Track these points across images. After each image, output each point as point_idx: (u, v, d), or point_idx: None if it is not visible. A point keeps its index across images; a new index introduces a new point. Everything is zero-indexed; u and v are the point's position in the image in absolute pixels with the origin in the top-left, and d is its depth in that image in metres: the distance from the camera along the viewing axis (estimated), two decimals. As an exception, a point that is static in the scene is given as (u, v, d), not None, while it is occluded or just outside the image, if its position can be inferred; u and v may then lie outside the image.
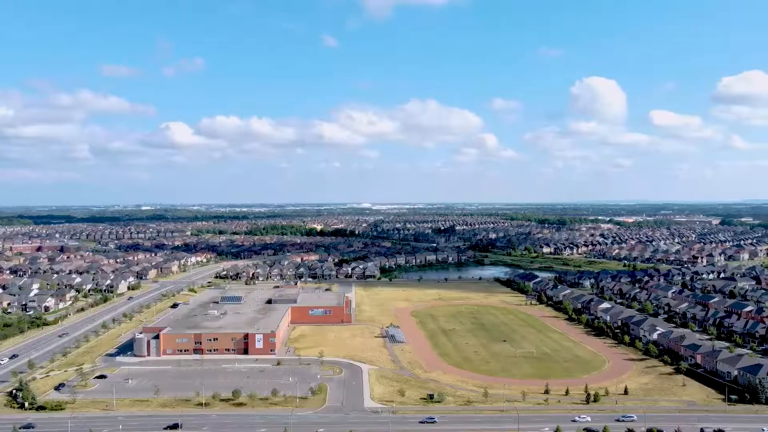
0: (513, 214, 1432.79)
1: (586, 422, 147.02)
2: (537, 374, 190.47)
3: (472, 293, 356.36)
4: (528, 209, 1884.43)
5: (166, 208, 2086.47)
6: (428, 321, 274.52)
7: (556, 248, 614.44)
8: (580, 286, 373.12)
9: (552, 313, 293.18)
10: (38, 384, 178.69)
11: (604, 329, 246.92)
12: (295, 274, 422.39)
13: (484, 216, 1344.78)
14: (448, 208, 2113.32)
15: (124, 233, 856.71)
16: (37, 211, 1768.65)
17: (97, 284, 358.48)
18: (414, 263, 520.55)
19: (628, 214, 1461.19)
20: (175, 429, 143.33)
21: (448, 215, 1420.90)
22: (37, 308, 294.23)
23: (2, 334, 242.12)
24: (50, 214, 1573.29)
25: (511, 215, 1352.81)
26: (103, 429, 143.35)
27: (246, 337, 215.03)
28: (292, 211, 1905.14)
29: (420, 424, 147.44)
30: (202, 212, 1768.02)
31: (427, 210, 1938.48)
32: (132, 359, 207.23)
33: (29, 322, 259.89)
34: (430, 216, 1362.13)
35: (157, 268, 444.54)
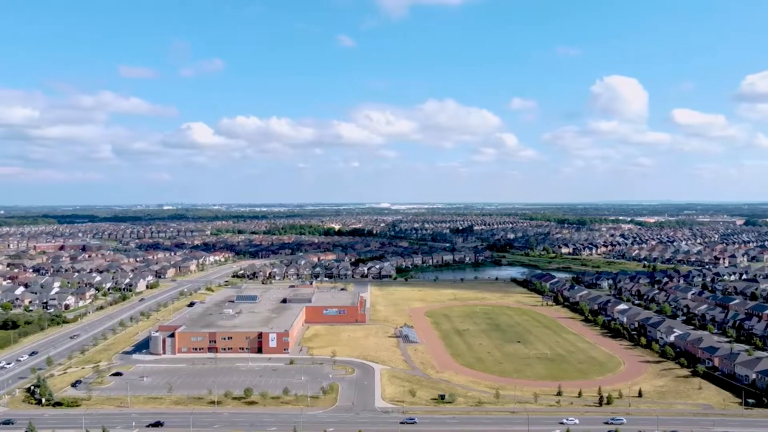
0: (532, 214, 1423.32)
1: (574, 424, 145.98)
2: (550, 376, 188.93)
3: (488, 293, 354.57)
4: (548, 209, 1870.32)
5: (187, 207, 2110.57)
6: (442, 321, 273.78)
7: (575, 249, 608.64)
8: (597, 287, 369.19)
9: (568, 314, 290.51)
10: (56, 381, 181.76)
11: (620, 331, 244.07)
12: (311, 274, 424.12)
13: (503, 216, 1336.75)
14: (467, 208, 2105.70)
15: (144, 233, 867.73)
16: (61, 211, 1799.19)
17: (117, 283, 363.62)
18: (431, 263, 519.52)
19: (649, 214, 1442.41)
20: (157, 426, 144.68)
21: (466, 215, 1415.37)
22: (57, 306, 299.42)
23: (23, 331, 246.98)
24: (74, 214, 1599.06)
25: (530, 215, 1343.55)
26: (117, 426, 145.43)
27: (260, 336, 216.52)
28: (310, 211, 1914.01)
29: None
30: (222, 212, 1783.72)
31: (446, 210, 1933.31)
32: (148, 357, 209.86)
33: (49, 320, 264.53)
34: (448, 216, 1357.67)
35: (176, 267, 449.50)
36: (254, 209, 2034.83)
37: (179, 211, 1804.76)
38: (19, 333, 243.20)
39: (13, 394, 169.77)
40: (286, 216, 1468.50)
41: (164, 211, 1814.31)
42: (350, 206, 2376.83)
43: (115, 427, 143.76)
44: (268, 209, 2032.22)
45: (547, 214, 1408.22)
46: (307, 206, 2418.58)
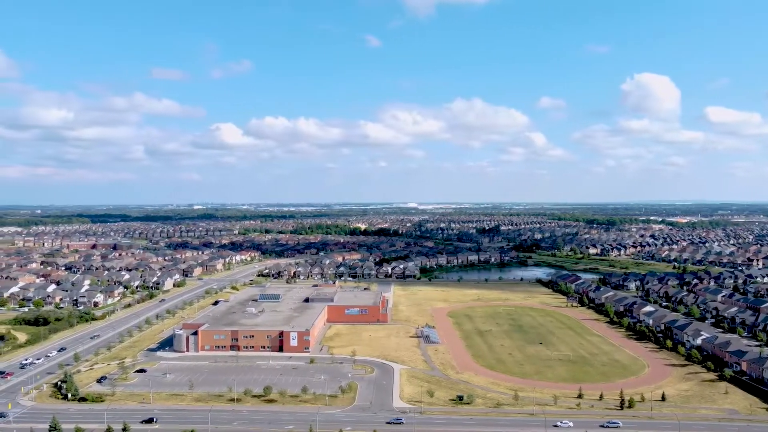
0: (561, 214, 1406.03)
1: (568, 427, 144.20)
2: (572, 378, 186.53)
3: (512, 294, 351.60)
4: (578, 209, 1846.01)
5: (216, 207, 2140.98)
6: (465, 322, 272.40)
7: (603, 249, 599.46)
8: (624, 289, 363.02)
9: (593, 316, 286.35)
10: (82, 376, 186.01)
11: (645, 333, 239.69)
12: (335, 273, 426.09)
13: (531, 216, 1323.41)
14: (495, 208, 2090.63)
15: (174, 232, 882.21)
16: (95, 210, 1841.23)
17: (145, 281, 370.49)
18: (455, 263, 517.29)
19: (682, 214, 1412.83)
20: (150, 423, 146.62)
21: (494, 215, 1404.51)
22: (87, 303, 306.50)
23: (53, 327, 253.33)
24: (107, 213, 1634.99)
25: (558, 215, 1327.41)
26: (138, 421, 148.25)
27: (281, 334, 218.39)
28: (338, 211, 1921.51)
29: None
30: (251, 211, 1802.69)
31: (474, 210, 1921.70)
32: (171, 354, 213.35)
33: (78, 317, 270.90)
34: (476, 216, 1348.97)
35: (203, 265, 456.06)
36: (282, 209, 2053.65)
37: (209, 210, 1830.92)
38: (49, 329, 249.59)
39: (40, 389, 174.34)
40: (313, 216, 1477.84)
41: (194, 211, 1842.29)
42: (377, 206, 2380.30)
43: (136, 423, 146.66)
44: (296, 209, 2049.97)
45: (576, 214, 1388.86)
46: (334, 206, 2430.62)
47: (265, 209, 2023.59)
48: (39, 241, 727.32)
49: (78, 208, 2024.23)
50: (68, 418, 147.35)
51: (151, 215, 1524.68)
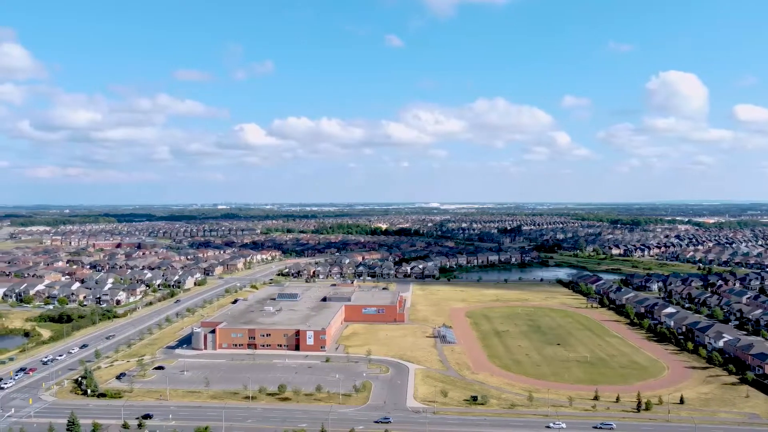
0: (585, 214, 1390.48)
1: (560, 429, 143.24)
2: (589, 379, 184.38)
3: (532, 295, 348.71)
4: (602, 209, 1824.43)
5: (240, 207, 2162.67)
6: (482, 322, 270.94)
7: (626, 250, 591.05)
8: (647, 290, 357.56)
9: (613, 317, 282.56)
10: (102, 373, 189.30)
11: (666, 335, 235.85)
12: (354, 273, 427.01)
13: (555, 216, 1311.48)
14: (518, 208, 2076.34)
15: (197, 231, 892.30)
16: (121, 210, 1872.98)
17: (167, 280, 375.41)
18: (475, 263, 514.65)
19: (709, 214, 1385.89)
20: (147, 419, 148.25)
21: (516, 215, 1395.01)
22: (109, 301, 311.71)
23: (76, 325, 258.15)
24: (132, 213, 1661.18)
25: (582, 215, 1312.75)
26: (155, 418, 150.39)
27: (297, 333, 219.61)
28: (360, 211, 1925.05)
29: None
30: (274, 211, 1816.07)
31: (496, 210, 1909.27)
32: (189, 352, 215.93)
33: (101, 314, 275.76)
34: (498, 216, 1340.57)
35: (224, 264, 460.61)
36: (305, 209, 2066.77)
37: (232, 210, 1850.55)
38: (72, 326, 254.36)
39: (61, 385, 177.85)
40: (336, 215, 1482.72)
41: (218, 211, 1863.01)
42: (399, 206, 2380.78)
43: (152, 419, 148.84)
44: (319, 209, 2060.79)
45: (601, 214, 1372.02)
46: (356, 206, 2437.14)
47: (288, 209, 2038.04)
48: (66, 240, 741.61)
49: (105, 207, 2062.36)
50: (87, 414, 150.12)
51: (176, 215, 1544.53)
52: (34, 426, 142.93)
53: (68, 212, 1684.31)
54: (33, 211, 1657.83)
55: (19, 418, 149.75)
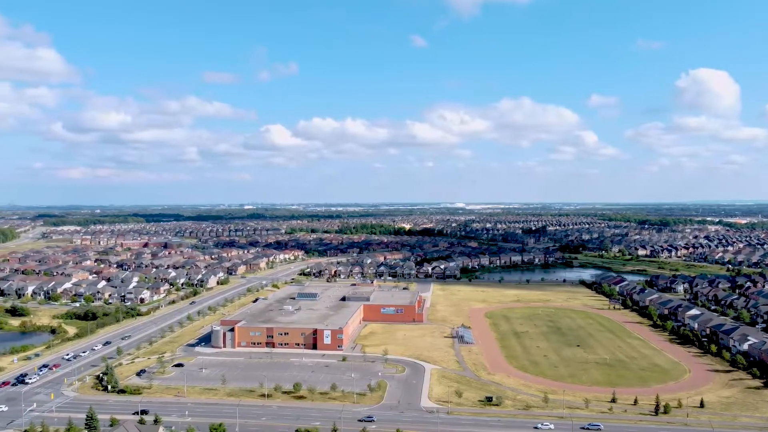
0: (612, 214, 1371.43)
1: (548, 430, 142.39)
2: (607, 381, 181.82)
3: (553, 295, 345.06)
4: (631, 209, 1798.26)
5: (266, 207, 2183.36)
6: (501, 322, 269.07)
7: (653, 250, 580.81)
8: (672, 291, 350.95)
9: (636, 319, 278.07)
10: (123, 369, 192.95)
11: (689, 337, 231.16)
12: (375, 273, 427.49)
13: (581, 216, 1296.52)
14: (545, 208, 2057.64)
15: (223, 231, 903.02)
16: (151, 210, 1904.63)
17: (190, 278, 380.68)
18: (498, 264, 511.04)
19: (742, 215, 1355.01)
20: (144, 414, 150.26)
21: (542, 215, 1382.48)
22: (133, 300, 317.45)
23: (101, 322, 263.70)
24: (161, 213, 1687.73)
25: (609, 216, 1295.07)
26: (172, 414, 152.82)
27: (315, 332, 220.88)
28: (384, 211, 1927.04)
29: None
30: (299, 211, 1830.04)
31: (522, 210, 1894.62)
32: (209, 350, 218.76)
33: (125, 312, 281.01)
34: (523, 216, 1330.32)
35: (246, 264, 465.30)
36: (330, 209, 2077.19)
37: (258, 210, 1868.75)
38: (97, 324, 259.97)
39: (83, 381, 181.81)
40: (360, 215, 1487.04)
41: (244, 211, 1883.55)
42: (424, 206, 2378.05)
43: (170, 415, 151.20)
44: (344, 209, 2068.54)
45: (628, 214, 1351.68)
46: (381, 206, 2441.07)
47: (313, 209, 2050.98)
48: (95, 239, 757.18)
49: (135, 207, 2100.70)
50: (106, 409, 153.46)
51: (203, 215, 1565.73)
52: (54, 420, 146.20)
53: (99, 212, 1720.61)
54: (65, 211, 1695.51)
55: (41, 413, 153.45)
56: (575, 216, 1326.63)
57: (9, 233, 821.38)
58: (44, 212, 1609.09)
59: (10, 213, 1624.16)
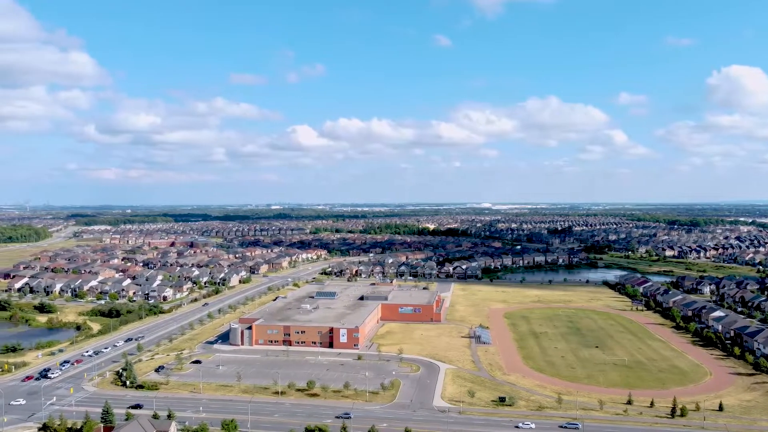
0: (641, 214, 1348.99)
1: (530, 429, 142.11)
2: (624, 383, 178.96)
3: (575, 296, 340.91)
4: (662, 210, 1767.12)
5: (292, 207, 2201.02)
6: (520, 323, 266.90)
7: (681, 251, 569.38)
8: (698, 292, 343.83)
9: (658, 320, 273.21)
10: (142, 365, 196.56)
11: (713, 339, 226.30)
12: (396, 272, 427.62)
13: (609, 216, 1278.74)
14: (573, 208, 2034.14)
15: (249, 230, 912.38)
16: (180, 210, 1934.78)
17: (213, 277, 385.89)
18: (521, 264, 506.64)
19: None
20: (137, 408, 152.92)
21: (569, 215, 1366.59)
22: (157, 297, 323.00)
23: (124, 319, 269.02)
24: (190, 213, 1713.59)
25: (638, 216, 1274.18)
26: (187, 410, 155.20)
27: (331, 331, 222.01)
28: (410, 211, 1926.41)
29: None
30: (325, 211, 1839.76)
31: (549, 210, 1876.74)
32: (227, 347, 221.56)
33: (147, 310, 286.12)
34: (550, 216, 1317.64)
35: (269, 263, 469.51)
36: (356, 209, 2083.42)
37: (285, 210, 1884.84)
38: (120, 321, 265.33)
39: (103, 376, 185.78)
40: (385, 216, 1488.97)
41: (271, 211, 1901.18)
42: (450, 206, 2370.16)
43: (185, 411, 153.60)
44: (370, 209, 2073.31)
45: (658, 215, 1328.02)
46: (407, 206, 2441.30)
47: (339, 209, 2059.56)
48: (124, 238, 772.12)
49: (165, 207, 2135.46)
50: (124, 404, 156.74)
51: (231, 215, 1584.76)
52: (73, 414, 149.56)
53: (130, 212, 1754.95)
54: (98, 211, 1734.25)
55: (61, 407, 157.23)
56: (603, 216, 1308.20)
57: (42, 232, 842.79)
58: (77, 212, 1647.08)
59: (44, 213, 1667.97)
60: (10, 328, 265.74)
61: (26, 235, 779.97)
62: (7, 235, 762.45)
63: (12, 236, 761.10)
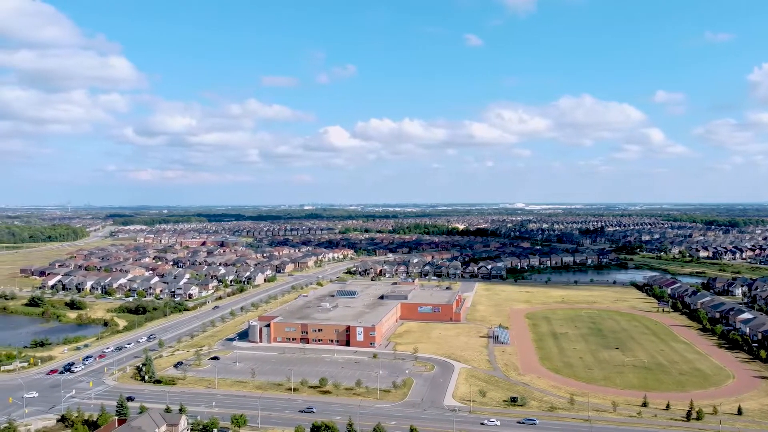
0: (679, 215, 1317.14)
1: (494, 426, 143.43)
2: (642, 385, 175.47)
3: (601, 297, 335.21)
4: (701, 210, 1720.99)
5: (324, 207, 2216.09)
6: (541, 323, 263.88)
7: (716, 252, 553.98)
8: (729, 294, 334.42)
9: (685, 322, 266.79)
10: (162, 361, 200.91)
11: (739, 342, 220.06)
12: (420, 272, 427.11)
13: (645, 217, 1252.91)
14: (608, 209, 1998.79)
15: (279, 230, 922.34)
16: (215, 210, 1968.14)
17: (238, 276, 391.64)
18: (548, 264, 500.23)
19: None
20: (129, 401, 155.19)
21: (603, 216, 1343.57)
22: (182, 295, 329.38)
23: (149, 316, 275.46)
24: (224, 213, 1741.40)
25: (675, 216, 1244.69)
26: (201, 404, 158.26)
27: (348, 329, 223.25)
28: (442, 211, 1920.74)
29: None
30: (357, 212, 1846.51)
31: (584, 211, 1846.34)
32: (246, 344, 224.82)
33: (172, 307, 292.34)
34: (583, 217, 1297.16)
35: (295, 262, 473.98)
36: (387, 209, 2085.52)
37: (317, 210, 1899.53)
38: (145, 318, 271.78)
39: (124, 371, 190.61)
40: (417, 216, 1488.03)
41: (304, 211, 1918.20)
42: (483, 206, 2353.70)
43: (198, 406, 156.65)
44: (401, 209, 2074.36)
45: (697, 215, 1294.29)
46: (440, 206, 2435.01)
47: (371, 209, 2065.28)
48: (158, 238, 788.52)
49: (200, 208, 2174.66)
50: (141, 398, 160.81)
51: (264, 215, 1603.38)
52: (91, 407, 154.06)
53: (166, 212, 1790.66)
54: (135, 211, 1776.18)
55: (81, 399, 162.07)
56: (638, 216, 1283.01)
57: (80, 232, 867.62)
58: (116, 212, 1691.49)
59: (85, 213, 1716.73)
60: (42, 324, 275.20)
61: (64, 235, 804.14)
62: (47, 235, 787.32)
63: (51, 235, 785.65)
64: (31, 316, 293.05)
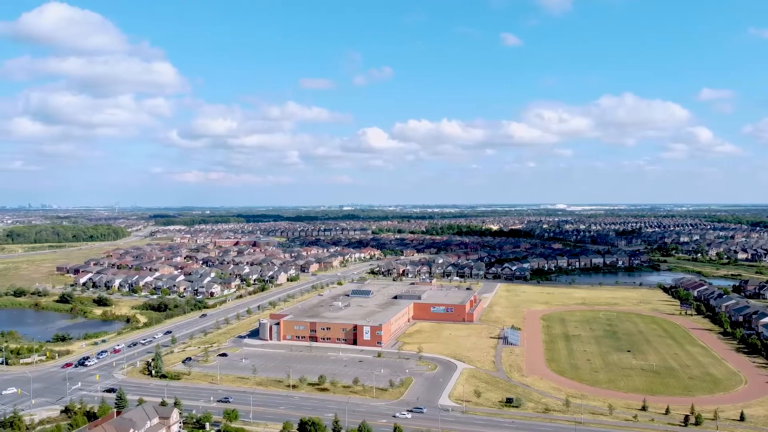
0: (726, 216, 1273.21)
1: (405, 419, 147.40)
2: (647, 389, 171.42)
3: (624, 299, 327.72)
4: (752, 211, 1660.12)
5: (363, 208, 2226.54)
6: (556, 325, 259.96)
7: (755, 254, 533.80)
8: (760, 297, 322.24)
9: (706, 325, 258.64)
10: (172, 357, 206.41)
11: (758, 346, 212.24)
12: (442, 273, 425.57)
13: (688, 218, 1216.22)
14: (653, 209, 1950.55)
15: (313, 230, 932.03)
16: (255, 211, 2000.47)
17: (262, 275, 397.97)
18: (577, 266, 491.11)
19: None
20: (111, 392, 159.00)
21: (644, 217, 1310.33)
22: (205, 293, 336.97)
23: (169, 313, 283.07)
24: (264, 214, 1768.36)
25: (720, 217, 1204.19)
26: (200, 399, 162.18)
27: (355, 328, 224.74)
28: (480, 212, 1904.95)
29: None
30: (395, 212, 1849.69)
31: (627, 212, 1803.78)
32: (256, 342, 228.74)
33: (192, 305, 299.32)
34: (624, 218, 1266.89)
35: (320, 262, 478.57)
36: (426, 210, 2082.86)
37: (355, 211, 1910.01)
38: (165, 315, 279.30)
39: (134, 366, 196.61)
40: (454, 216, 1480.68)
41: (342, 212, 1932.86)
42: (523, 207, 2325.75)
43: (198, 400, 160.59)
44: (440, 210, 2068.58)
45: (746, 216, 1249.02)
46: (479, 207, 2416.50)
47: (410, 210, 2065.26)
48: (194, 238, 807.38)
49: (242, 209, 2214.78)
50: (146, 392, 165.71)
51: (302, 215, 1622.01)
52: (95, 399, 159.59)
53: (208, 213, 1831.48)
54: (179, 212, 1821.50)
55: (87, 392, 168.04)
56: (681, 217, 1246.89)
57: (120, 231, 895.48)
58: (161, 213, 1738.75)
59: (130, 214, 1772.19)
60: (69, 319, 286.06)
61: (105, 234, 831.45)
62: (89, 234, 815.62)
63: (93, 235, 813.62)
64: (60, 312, 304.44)
